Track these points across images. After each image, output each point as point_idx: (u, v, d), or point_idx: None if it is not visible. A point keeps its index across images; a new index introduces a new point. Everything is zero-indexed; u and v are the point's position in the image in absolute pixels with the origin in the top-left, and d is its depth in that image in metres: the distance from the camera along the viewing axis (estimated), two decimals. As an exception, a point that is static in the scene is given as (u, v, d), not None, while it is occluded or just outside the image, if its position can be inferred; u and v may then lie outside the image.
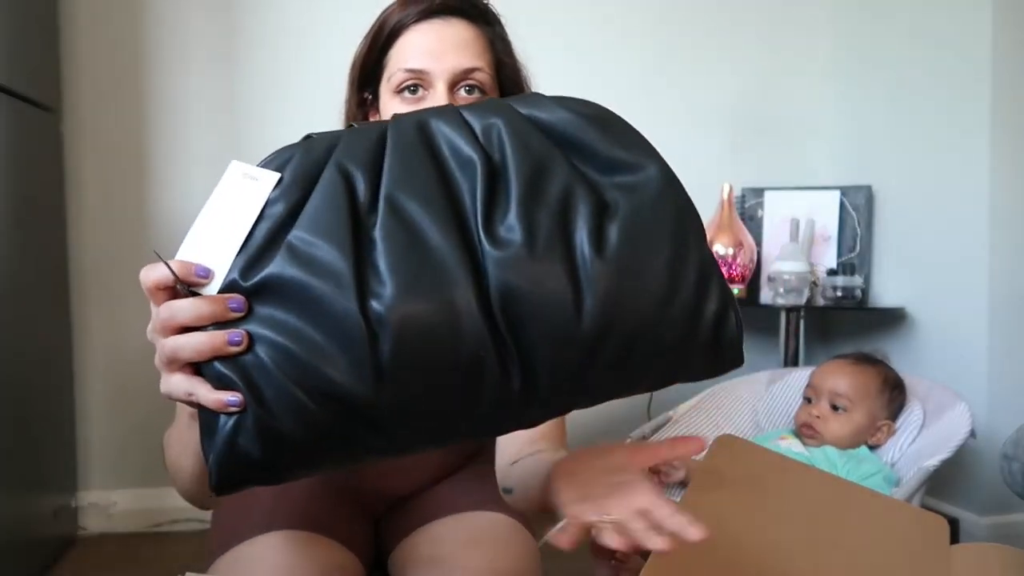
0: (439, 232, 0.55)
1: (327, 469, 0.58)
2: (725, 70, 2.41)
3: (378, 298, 0.53)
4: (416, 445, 0.58)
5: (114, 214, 2.05)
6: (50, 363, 1.86)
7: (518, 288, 0.55)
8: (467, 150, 0.59)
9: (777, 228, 2.30)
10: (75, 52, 2.00)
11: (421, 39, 0.91)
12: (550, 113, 0.62)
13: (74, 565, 1.83)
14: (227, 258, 0.56)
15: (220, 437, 0.54)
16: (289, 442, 0.54)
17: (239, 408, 0.53)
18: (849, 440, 1.46)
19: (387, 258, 0.54)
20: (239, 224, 0.58)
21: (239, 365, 0.54)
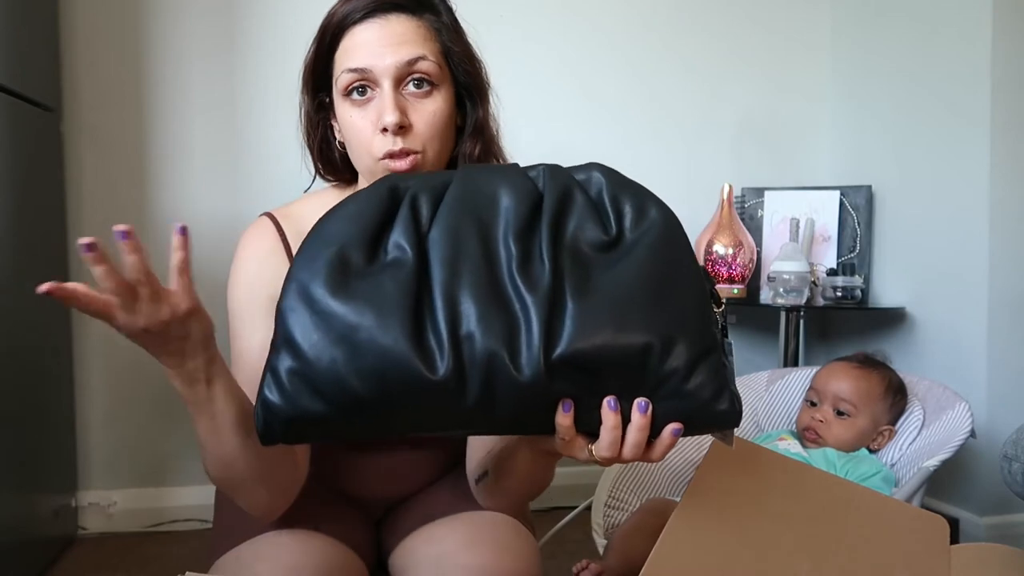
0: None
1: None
2: (726, 71, 2.41)
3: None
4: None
5: (114, 214, 2.05)
6: (50, 363, 1.86)
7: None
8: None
9: (777, 228, 2.30)
10: (75, 52, 2.00)
11: (363, 38, 0.91)
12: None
13: (74, 565, 1.83)
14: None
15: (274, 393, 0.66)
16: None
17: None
18: (851, 444, 1.46)
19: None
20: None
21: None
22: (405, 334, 0.62)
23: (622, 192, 0.69)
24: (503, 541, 0.94)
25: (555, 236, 0.67)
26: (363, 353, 0.62)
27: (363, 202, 0.69)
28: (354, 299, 0.64)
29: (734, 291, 2.15)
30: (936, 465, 1.32)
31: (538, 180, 0.70)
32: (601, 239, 0.67)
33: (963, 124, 1.98)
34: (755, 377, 1.77)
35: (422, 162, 0.91)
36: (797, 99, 2.47)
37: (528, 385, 0.63)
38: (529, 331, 0.63)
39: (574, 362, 0.63)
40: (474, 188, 0.69)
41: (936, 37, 2.08)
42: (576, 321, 0.63)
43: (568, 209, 0.68)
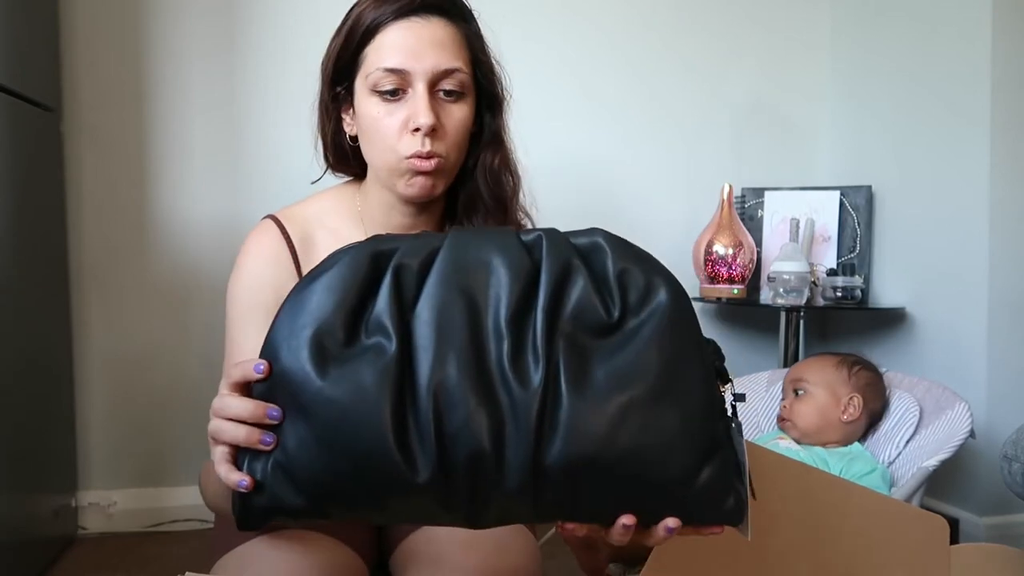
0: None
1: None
2: (726, 70, 2.41)
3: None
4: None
5: (114, 214, 2.05)
6: (50, 363, 1.86)
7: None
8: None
9: (777, 228, 2.30)
10: (75, 52, 2.00)
11: (400, 38, 0.90)
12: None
13: (74, 565, 1.83)
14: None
15: (240, 495, 0.64)
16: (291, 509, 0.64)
17: (247, 488, 0.63)
18: (818, 419, 1.49)
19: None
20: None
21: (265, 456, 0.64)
22: (385, 433, 0.58)
23: (628, 266, 0.63)
24: (503, 541, 0.94)
25: (551, 321, 0.61)
26: (342, 451, 0.59)
27: (345, 268, 0.63)
28: (332, 390, 0.60)
29: (734, 291, 2.15)
30: (935, 465, 1.32)
31: (535, 251, 0.63)
32: (603, 322, 0.62)
33: (963, 124, 1.98)
34: (755, 378, 1.77)
35: (444, 166, 0.92)
36: (797, 99, 2.47)
37: (516, 492, 0.59)
38: (517, 431, 0.58)
39: (567, 471, 0.58)
40: (465, 258, 0.63)
41: (936, 37, 2.08)
42: (570, 424, 0.58)
43: (567, 288, 0.62)
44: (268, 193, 2.05)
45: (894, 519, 0.89)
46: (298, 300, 0.64)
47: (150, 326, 2.06)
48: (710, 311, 2.42)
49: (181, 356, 2.06)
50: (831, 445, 1.49)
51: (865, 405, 1.50)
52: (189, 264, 2.06)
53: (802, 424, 1.51)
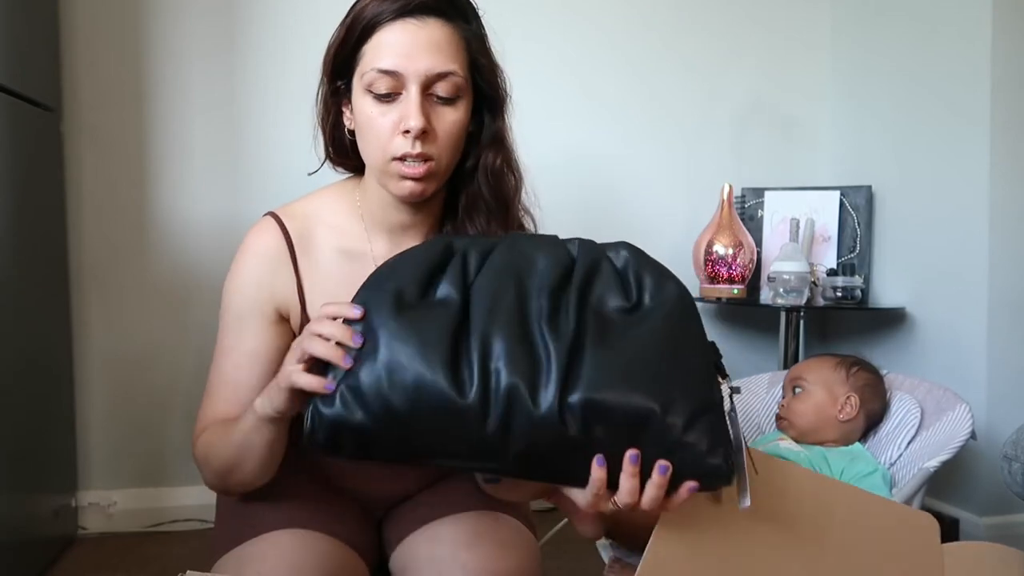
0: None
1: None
2: (726, 70, 2.41)
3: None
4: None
5: (114, 214, 2.05)
6: (50, 363, 1.86)
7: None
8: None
9: (777, 228, 2.30)
10: (75, 52, 2.00)
11: (396, 39, 0.90)
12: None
13: (74, 565, 1.83)
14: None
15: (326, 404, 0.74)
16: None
17: (330, 390, 0.73)
18: (815, 417, 1.49)
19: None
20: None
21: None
22: (443, 362, 0.71)
23: (645, 268, 0.78)
24: (504, 541, 0.95)
25: (582, 297, 0.75)
26: (405, 373, 0.71)
27: (423, 251, 0.79)
28: (404, 330, 0.73)
29: (734, 291, 2.15)
30: (936, 466, 1.32)
31: (572, 250, 0.79)
32: (622, 305, 0.76)
33: (963, 124, 1.98)
34: (756, 379, 1.77)
35: (435, 169, 0.92)
36: (797, 99, 2.47)
37: (542, 420, 0.70)
38: (549, 373, 0.71)
39: (586, 407, 0.70)
40: (517, 252, 0.78)
41: (936, 37, 2.08)
42: (592, 372, 0.70)
43: (596, 277, 0.77)
44: (268, 193, 2.05)
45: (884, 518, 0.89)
46: (386, 266, 0.79)
47: (150, 326, 2.06)
48: (710, 311, 2.42)
49: (181, 356, 2.06)
50: (828, 444, 1.49)
51: (862, 405, 1.50)
52: (189, 264, 2.06)
53: (798, 422, 1.51)
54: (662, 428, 0.70)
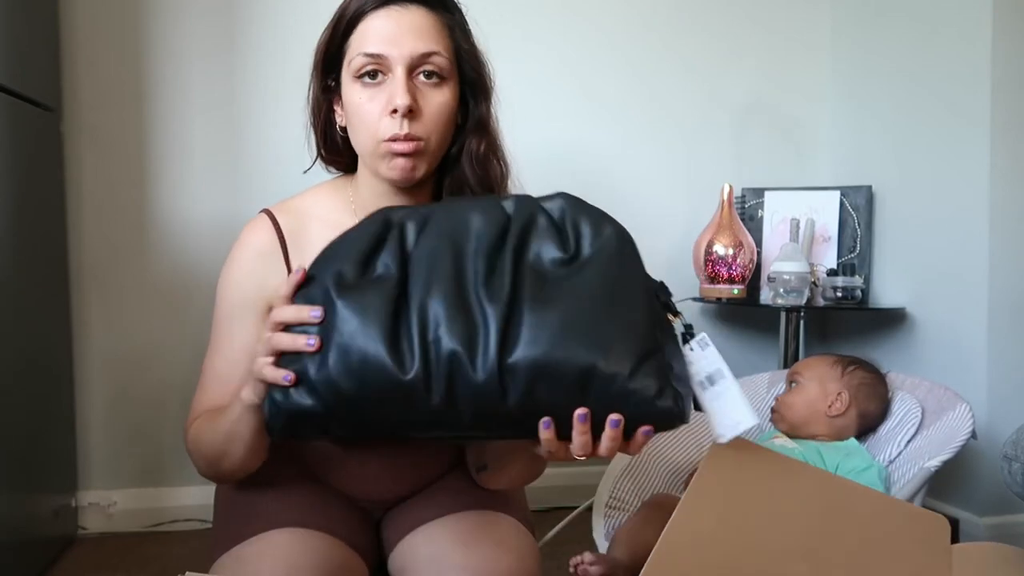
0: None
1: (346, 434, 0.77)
2: (726, 71, 2.41)
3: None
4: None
5: (114, 214, 2.05)
6: (50, 363, 1.86)
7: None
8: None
9: (777, 228, 2.30)
10: (75, 52, 2.00)
11: (380, 24, 0.93)
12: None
13: (74, 565, 1.83)
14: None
15: (283, 394, 0.76)
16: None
17: (290, 381, 0.75)
18: (805, 411, 1.51)
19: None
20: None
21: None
22: (383, 338, 0.72)
23: (581, 215, 0.78)
24: (503, 541, 0.95)
25: (518, 255, 0.75)
26: (347, 354, 0.72)
27: (361, 228, 0.80)
28: (345, 307, 0.74)
29: (734, 291, 2.15)
30: (937, 466, 1.32)
31: (508, 208, 0.79)
32: (560, 256, 0.76)
33: (963, 124, 1.98)
34: (756, 379, 1.77)
35: (424, 148, 0.93)
36: (797, 99, 2.47)
37: (483, 385, 0.70)
38: (487, 337, 0.71)
39: (525, 369, 0.70)
40: (453, 215, 0.78)
41: (936, 37, 2.08)
42: (529, 331, 0.71)
43: (531, 232, 0.77)
44: (268, 193, 2.03)
45: (894, 518, 0.89)
46: (329, 248, 0.80)
47: (150, 326, 2.06)
48: (710, 311, 2.42)
49: (181, 356, 2.06)
50: (820, 438, 1.50)
51: (855, 404, 1.51)
52: (189, 264, 2.06)
53: (789, 415, 1.54)
54: (606, 379, 0.70)
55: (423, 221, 0.79)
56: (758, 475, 0.86)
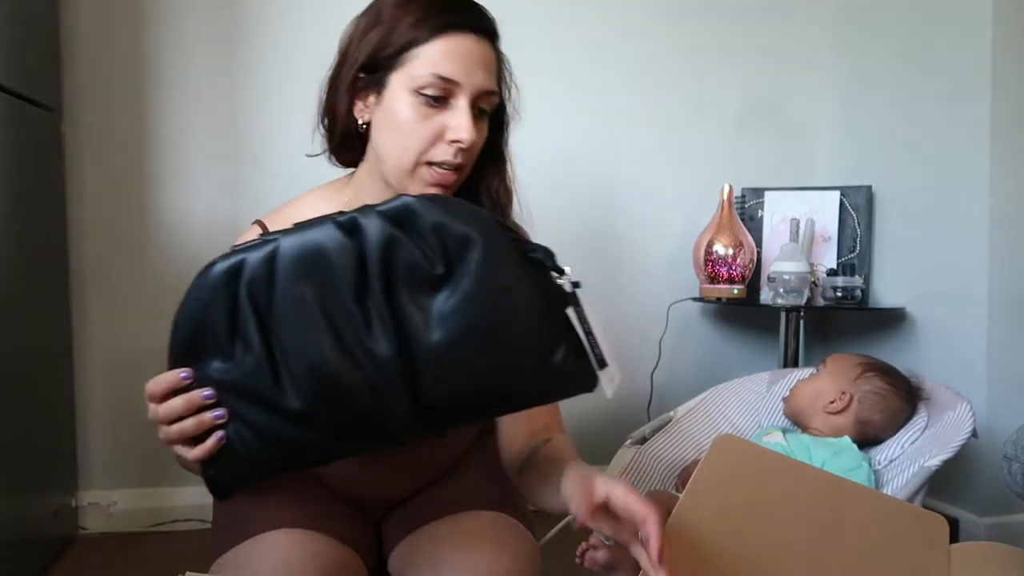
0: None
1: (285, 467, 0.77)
2: (726, 71, 2.41)
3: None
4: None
5: (114, 214, 2.05)
6: (50, 363, 1.86)
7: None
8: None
9: (777, 228, 2.30)
10: (75, 52, 2.00)
11: (457, 48, 0.91)
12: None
13: (74, 565, 1.83)
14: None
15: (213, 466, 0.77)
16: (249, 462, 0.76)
17: (222, 440, 0.75)
18: (807, 400, 1.52)
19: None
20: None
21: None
22: (286, 412, 0.71)
23: (441, 220, 0.72)
24: (503, 541, 0.94)
25: (387, 289, 0.71)
26: (254, 430, 0.73)
27: (206, 298, 0.74)
28: (228, 379, 0.73)
29: (734, 291, 2.15)
30: (937, 465, 1.32)
31: (355, 233, 0.72)
32: (431, 275, 0.71)
33: (963, 124, 1.98)
34: (756, 378, 1.77)
35: (459, 180, 0.94)
36: (797, 99, 2.47)
37: (405, 432, 0.72)
38: (390, 388, 0.70)
39: (442, 403, 0.71)
40: (300, 255, 0.72)
41: (936, 37, 2.08)
42: (431, 368, 0.70)
43: (392, 256, 0.71)
44: (268, 193, 2.05)
45: (894, 518, 0.89)
46: (183, 333, 0.76)
47: (150, 326, 2.06)
48: (710, 311, 2.42)
49: (181, 356, 2.06)
50: (814, 432, 1.49)
51: (856, 408, 1.48)
52: (189, 264, 2.04)
53: (792, 399, 1.55)
54: (522, 386, 0.73)
55: (269, 271, 0.72)
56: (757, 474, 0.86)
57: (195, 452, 0.75)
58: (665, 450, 1.61)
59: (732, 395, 1.72)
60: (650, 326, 2.31)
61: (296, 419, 0.71)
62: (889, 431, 1.49)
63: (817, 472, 0.97)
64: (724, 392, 1.72)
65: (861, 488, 0.94)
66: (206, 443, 0.74)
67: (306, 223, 0.74)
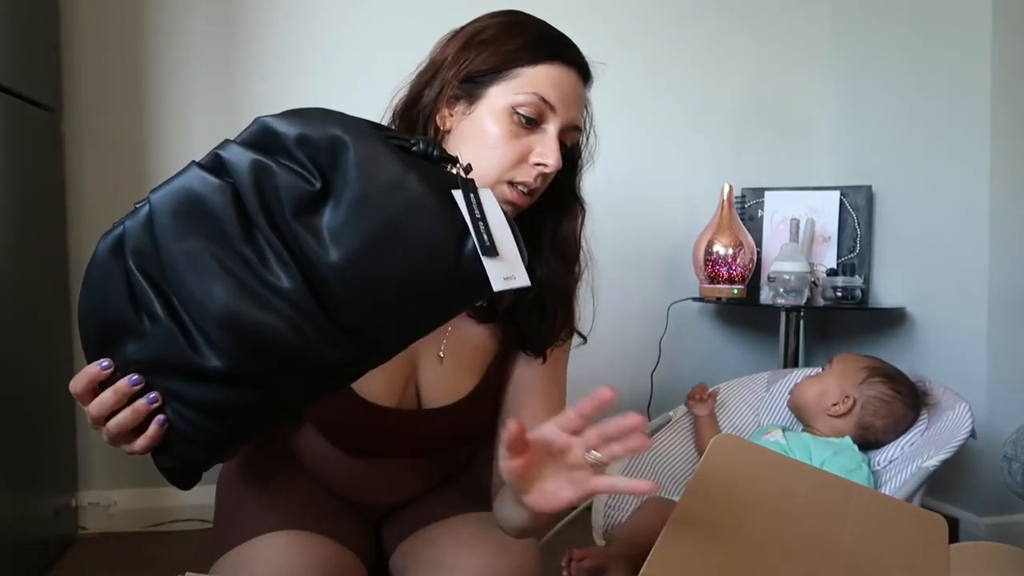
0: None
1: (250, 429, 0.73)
2: (725, 71, 2.41)
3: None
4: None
5: (114, 214, 2.03)
6: (50, 363, 1.86)
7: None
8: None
9: (777, 228, 2.30)
10: (75, 52, 2.00)
11: (562, 78, 0.94)
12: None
13: (74, 565, 1.83)
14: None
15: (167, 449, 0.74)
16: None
17: (163, 425, 0.72)
18: (811, 399, 1.52)
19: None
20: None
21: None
22: (214, 373, 0.67)
23: (302, 132, 0.67)
24: (503, 542, 0.95)
25: (271, 220, 0.66)
26: (194, 410, 0.70)
27: (98, 276, 0.73)
28: (146, 359, 0.70)
29: (734, 291, 2.15)
30: (936, 465, 1.32)
31: (222, 171, 0.69)
32: (312, 192, 0.66)
33: (963, 124, 1.98)
34: (756, 378, 1.77)
35: (528, 204, 0.95)
36: (797, 99, 2.47)
37: (334, 357, 0.67)
38: (310, 321, 0.65)
39: (362, 318, 0.66)
40: (174, 208, 0.69)
41: (936, 37, 2.08)
42: (343, 288, 0.65)
43: (264, 185, 0.67)
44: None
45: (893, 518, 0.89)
46: (90, 321, 0.76)
47: (150, 326, 2.06)
48: (710, 311, 2.42)
49: (181, 356, 2.06)
50: (815, 432, 1.50)
51: (858, 413, 1.48)
52: (189, 264, 2.06)
53: (797, 395, 1.55)
54: (442, 286, 0.66)
55: (149, 233, 0.70)
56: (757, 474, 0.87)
57: (140, 443, 0.73)
58: (665, 450, 1.61)
59: (732, 395, 1.72)
60: (650, 326, 2.31)
61: (224, 380, 0.67)
62: (891, 436, 1.49)
63: (817, 472, 0.97)
64: (724, 392, 1.72)
65: (861, 488, 0.94)
66: (148, 431, 0.72)
67: (170, 179, 0.72)
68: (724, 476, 0.85)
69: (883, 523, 0.88)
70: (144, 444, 0.73)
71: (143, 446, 0.73)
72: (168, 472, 0.75)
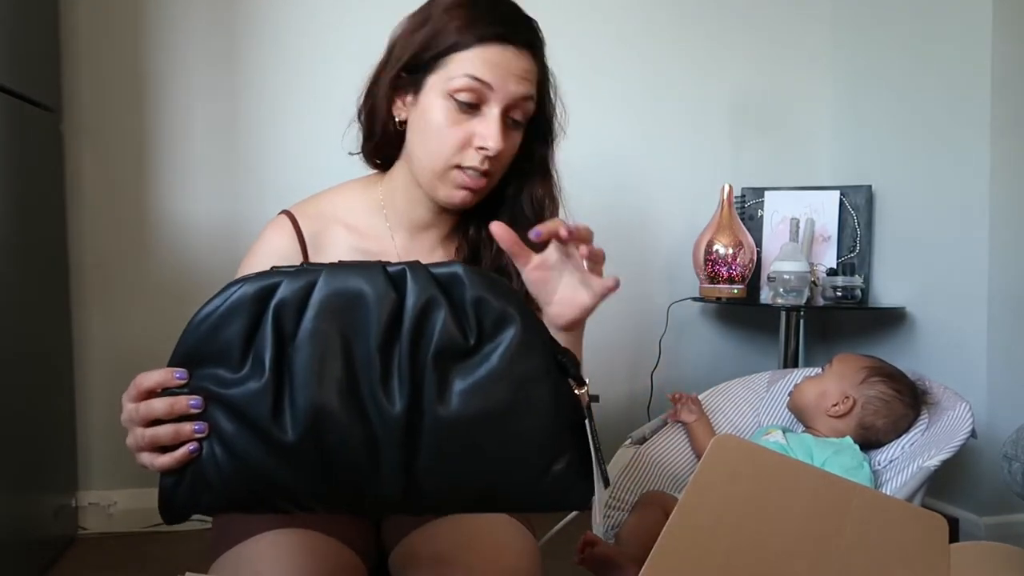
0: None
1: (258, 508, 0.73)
2: (725, 70, 2.41)
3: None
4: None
5: (114, 214, 2.05)
6: (50, 363, 1.86)
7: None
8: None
9: (777, 228, 2.30)
10: (75, 52, 2.00)
11: (496, 59, 0.93)
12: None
13: (74, 565, 1.83)
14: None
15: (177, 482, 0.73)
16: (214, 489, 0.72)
17: (195, 452, 0.70)
18: (811, 400, 1.51)
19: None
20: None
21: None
22: (277, 446, 0.67)
23: (483, 295, 0.70)
24: (503, 541, 0.94)
25: (413, 349, 0.68)
26: (234, 457, 0.69)
27: (232, 309, 0.71)
28: (228, 403, 0.69)
29: (734, 291, 2.15)
30: (936, 465, 1.32)
31: (400, 284, 0.70)
32: (461, 346, 0.69)
33: (963, 124, 1.98)
34: (756, 378, 1.77)
35: (489, 185, 0.95)
36: (797, 99, 2.47)
37: (391, 495, 0.69)
38: (389, 447, 0.67)
39: (432, 473, 0.68)
40: (338, 293, 0.70)
41: (936, 37, 2.08)
42: (432, 437, 0.67)
43: (429, 318, 0.69)
44: (269, 193, 2.05)
45: (893, 518, 0.89)
46: (197, 334, 0.72)
47: (150, 326, 2.06)
48: (710, 311, 2.42)
49: (181, 356, 2.06)
50: (816, 432, 1.50)
51: (859, 413, 1.48)
52: (189, 264, 2.06)
53: (796, 397, 1.55)
54: (516, 485, 0.70)
55: (303, 299, 0.70)
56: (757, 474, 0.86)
57: (163, 459, 0.70)
58: (665, 450, 1.61)
59: (732, 395, 1.72)
60: (650, 326, 2.31)
61: (281, 454, 0.67)
62: (891, 436, 1.49)
63: (817, 472, 0.97)
64: (724, 392, 1.72)
65: (861, 488, 0.94)
66: (176, 453, 0.70)
67: (353, 264, 0.72)
68: (724, 476, 0.85)
69: (883, 523, 0.88)
70: (165, 463, 0.71)
71: (164, 464, 0.71)
72: (166, 495, 0.73)
